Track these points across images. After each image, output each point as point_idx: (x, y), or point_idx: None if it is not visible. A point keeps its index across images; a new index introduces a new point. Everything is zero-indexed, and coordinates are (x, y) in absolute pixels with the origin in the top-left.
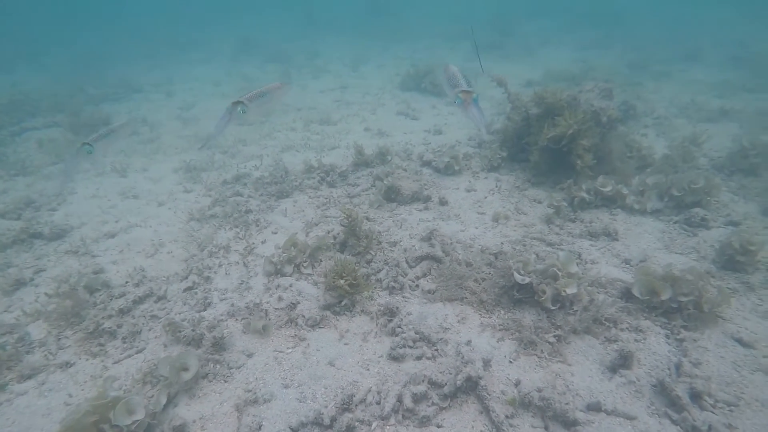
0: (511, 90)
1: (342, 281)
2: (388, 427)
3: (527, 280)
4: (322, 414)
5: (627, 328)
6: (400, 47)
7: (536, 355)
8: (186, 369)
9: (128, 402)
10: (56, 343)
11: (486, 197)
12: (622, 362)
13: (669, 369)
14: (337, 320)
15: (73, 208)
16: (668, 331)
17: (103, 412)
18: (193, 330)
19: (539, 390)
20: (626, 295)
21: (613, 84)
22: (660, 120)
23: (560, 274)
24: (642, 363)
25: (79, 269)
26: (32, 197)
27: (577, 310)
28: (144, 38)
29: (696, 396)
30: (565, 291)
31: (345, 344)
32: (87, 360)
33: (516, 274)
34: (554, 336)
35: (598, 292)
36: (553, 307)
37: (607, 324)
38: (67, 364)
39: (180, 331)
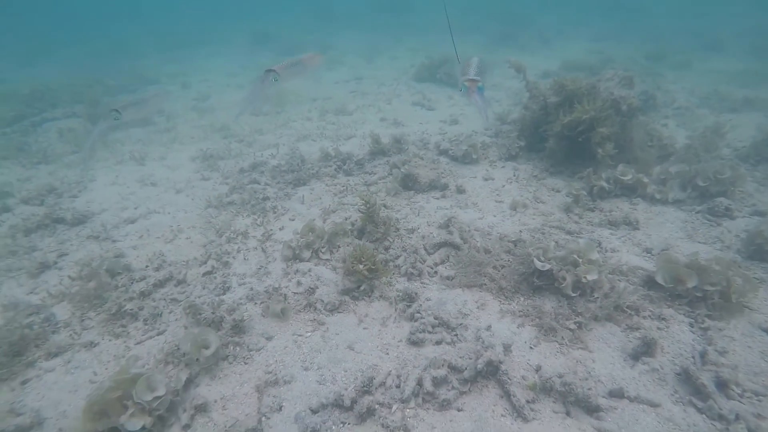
0: (529, 78)
1: (361, 266)
2: (408, 409)
3: (547, 266)
4: (343, 396)
5: (649, 316)
6: (412, 40)
7: (557, 341)
8: (207, 346)
9: (149, 378)
10: (80, 324)
11: (504, 186)
12: (644, 349)
13: (693, 357)
14: (356, 305)
15: (93, 195)
16: (692, 320)
17: (126, 388)
18: (213, 313)
19: (560, 375)
20: (648, 283)
21: (634, 72)
22: (681, 110)
23: (580, 261)
24: (665, 351)
25: (100, 253)
26: (54, 184)
27: (597, 297)
28: (159, 33)
29: (722, 385)
30: (585, 278)
31: (364, 329)
32: (110, 340)
33: (536, 261)
34: (575, 323)
35: (619, 280)
36: (573, 294)
37: (629, 311)
38: (92, 344)
39: (200, 314)
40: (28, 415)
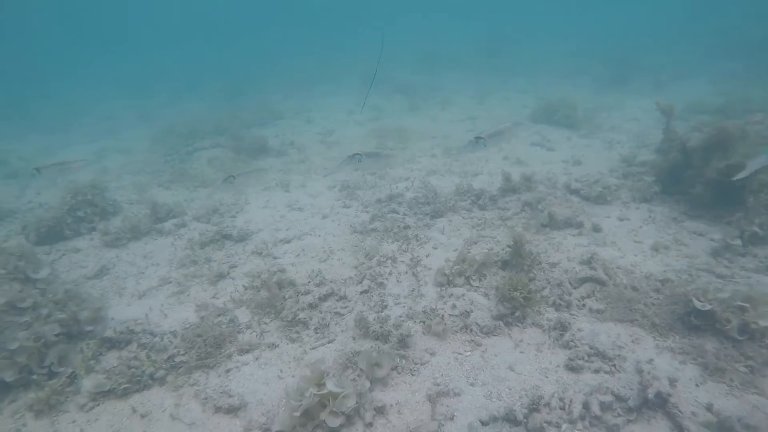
0: (671, 123)
1: (517, 293)
2: (576, 431)
3: (708, 307)
4: (515, 411)
5: None
6: (518, 81)
7: (725, 382)
8: (380, 366)
9: (345, 396)
10: (259, 327)
11: (641, 227)
12: None
13: None
14: (510, 330)
15: (249, 216)
16: None
17: (324, 396)
18: (381, 327)
19: (740, 418)
20: None
21: None
22: None
23: (748, 306)
24: None
25: (266, 268)
26: (216, 205)
27: None
28: (276, 72)
29: None
30: (756, 323)
31: (521, 352)
32: (288, 344)
33: (695, 301)
34: (745, 366)
35: None
36: (740, 338)
37: None
38: (273, 345)
39: (369, 327)
40: (237, 397)
